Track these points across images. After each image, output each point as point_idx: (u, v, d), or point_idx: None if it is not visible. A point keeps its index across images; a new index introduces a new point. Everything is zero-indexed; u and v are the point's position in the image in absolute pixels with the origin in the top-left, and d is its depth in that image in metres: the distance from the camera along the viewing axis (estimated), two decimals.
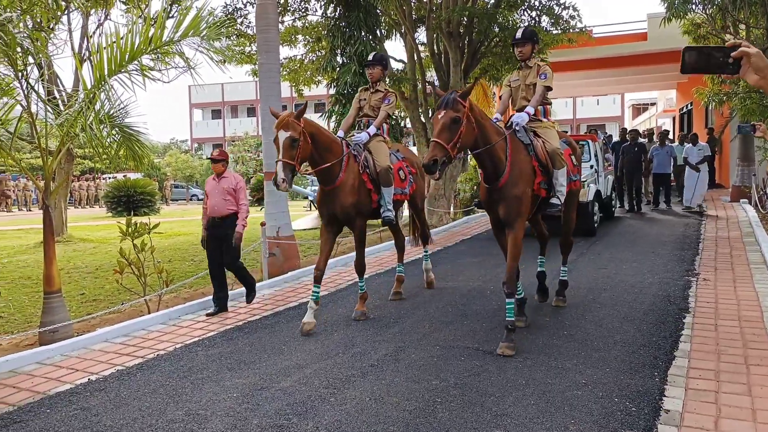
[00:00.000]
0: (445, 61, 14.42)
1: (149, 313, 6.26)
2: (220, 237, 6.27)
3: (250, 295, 6.63)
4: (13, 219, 22.47)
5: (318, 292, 5.45)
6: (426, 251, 7.00)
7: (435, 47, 14.58)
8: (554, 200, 5.01)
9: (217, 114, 53.55)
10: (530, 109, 5.02)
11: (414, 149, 15.47)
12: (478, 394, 3.72)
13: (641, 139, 14.84)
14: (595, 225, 10.25)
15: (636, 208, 13.15)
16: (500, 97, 5.55)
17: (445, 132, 4.13)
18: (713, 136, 17.30)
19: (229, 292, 6.49)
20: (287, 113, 5.05)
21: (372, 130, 5.97)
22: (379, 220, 6.12)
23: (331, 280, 7.54)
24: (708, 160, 12.66)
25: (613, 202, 12.23)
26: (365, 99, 6.17)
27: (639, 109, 47.95)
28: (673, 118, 29.48)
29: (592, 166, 10.47)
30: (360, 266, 5.81)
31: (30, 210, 29.39)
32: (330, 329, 5.38)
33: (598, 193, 10.47)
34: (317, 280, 5.45)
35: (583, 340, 4.69)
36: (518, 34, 5.28)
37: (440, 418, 3.41)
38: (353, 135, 6.12)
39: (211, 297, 6.40)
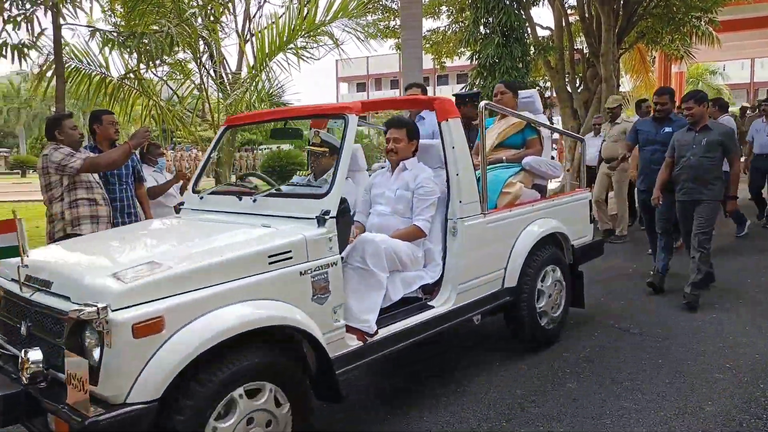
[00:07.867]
0: (597, 27, 13.67)
1: None
2: None
3: None
4: None
5: None
6: None
7: (585, 11, 13.87)
8: None
9: (362, 87, 55.22)
10: None
11: (557, 121, 14.80)
12: (606, 369, 3.73)
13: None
14: None
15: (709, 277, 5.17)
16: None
17: None
18: None
19: None
20: None
21: None
22: None
23: None
24: None
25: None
26: None
27: None
28: None
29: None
30: None
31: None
32: None
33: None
34: None
35: (730, 323, 4.44)
36: None
37: (568, 388, 3.50)
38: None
39: None
